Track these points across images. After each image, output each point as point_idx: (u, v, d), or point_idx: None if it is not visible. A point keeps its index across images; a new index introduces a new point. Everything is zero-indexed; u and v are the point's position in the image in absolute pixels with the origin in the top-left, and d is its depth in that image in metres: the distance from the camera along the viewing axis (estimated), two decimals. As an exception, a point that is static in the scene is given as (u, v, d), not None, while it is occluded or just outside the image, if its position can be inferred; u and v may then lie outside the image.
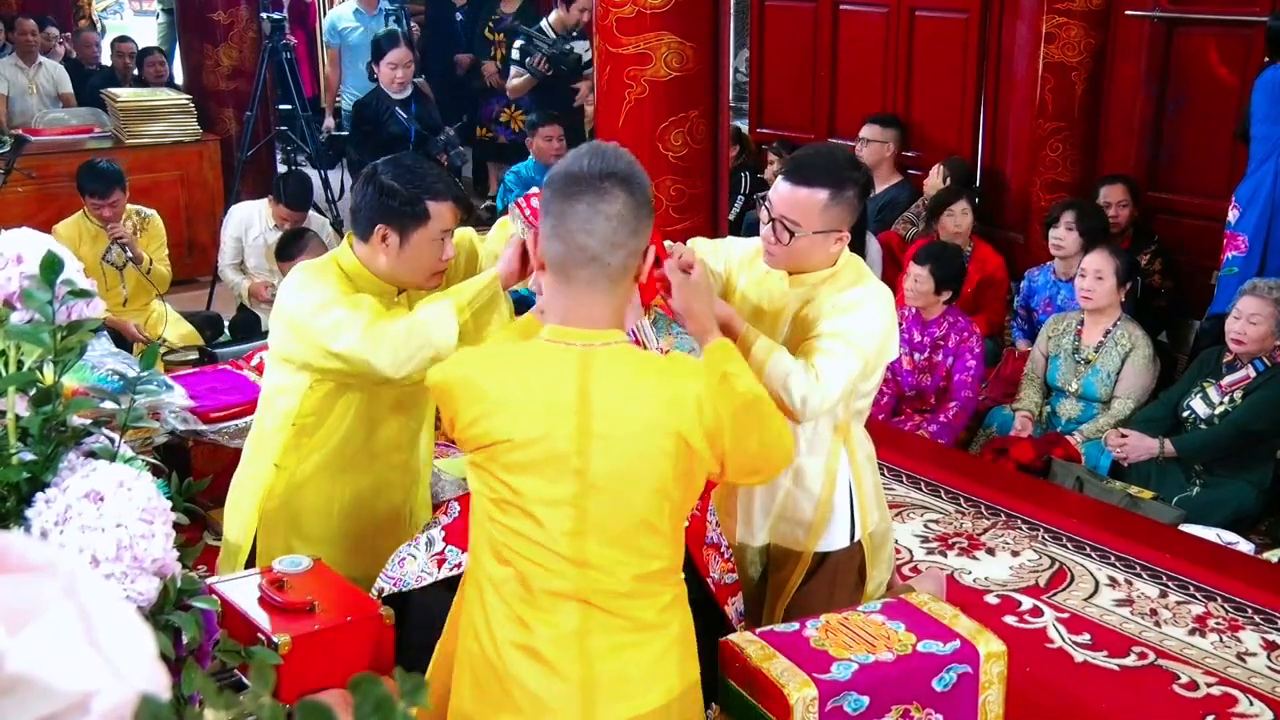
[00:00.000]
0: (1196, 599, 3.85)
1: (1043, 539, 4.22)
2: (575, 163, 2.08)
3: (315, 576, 2.41)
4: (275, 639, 2.19)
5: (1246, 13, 5.94)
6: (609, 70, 4.73)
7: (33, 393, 1.48)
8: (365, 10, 8.52)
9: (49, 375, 1.49)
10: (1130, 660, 3.55)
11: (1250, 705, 3.33)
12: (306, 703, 0.77)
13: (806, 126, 7.75)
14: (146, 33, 11.62)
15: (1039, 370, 5.16)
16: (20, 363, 1.47)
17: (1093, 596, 3.87)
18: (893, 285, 4.07)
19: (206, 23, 8.03)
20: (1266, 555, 4.18)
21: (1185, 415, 4.71)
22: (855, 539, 2.90)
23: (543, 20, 8.09)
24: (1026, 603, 3.84)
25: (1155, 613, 3.78)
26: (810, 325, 2.69)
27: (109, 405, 1.63)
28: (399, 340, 2.61)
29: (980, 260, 5.96)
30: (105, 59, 9.83)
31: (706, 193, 4.89)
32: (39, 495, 1.43)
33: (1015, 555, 4.12)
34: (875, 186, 6.18)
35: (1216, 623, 3.72)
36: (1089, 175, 6.35)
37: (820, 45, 7.61)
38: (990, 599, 3.86)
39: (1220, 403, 4.63)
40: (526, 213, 2.62)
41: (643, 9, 4.59)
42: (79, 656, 0.71)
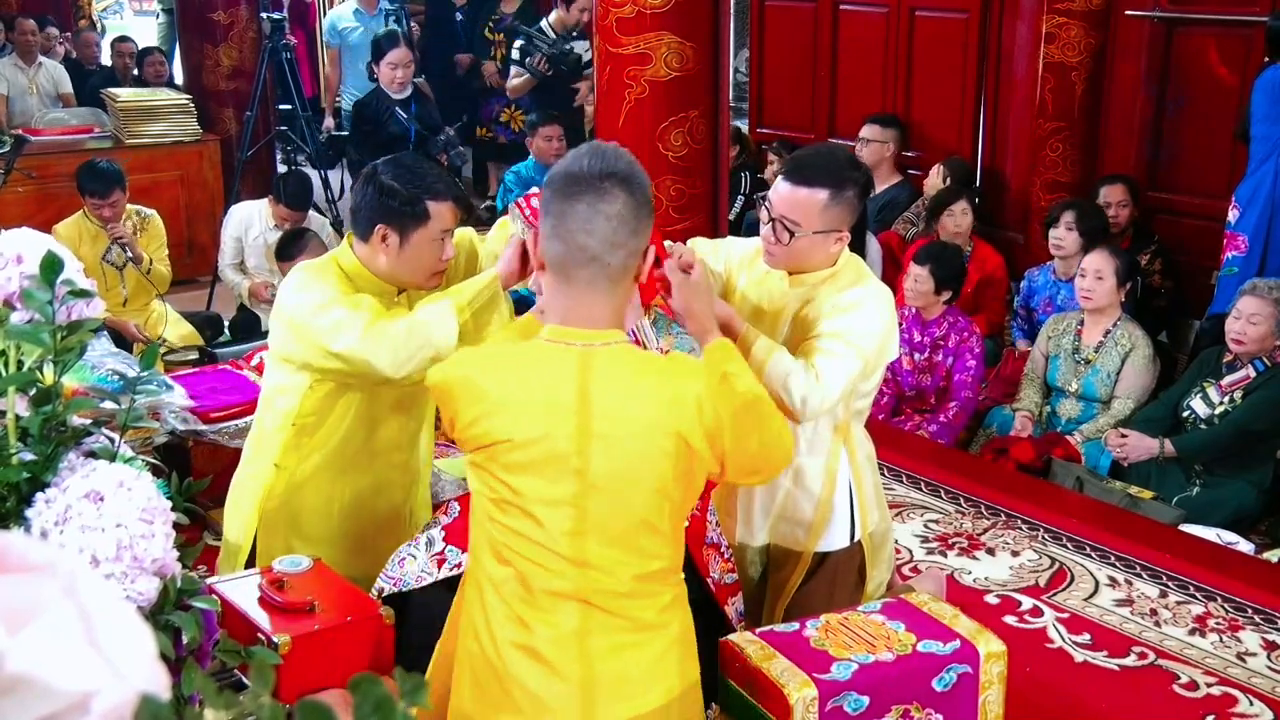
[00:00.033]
0: (1196, 599, 3.85)
1: (1043, 539, 4.22)
2: (575, 163, 2.08)
3: (315, 576, 2.41)
4: (275, 639, 2.19)
5: (1246, 13, 5.94)
6: (609, 70, 4.73)
7: (33, 393, 1.48)
8: (365, 10, 8.51)
9: (49, 375, 1.49)
10: (1130, 660, 3.55)
11: (1250, 705, 3.33)
12: (306, 703, 0.77)
13: (806, 126, 7.75)
14: (146, 33, 11.62)
15: (1039, 370, 5.16)
16: (20, 363, 1.47)
17: (1093, 596, 3.87)
18: (893, 285, 4.07)
19: (206, 23, 8.03)
20: (1266, 555, 4.18)
21: (1185, 415, 4.71)
22: (855, 539, 2.90)
23: (543, 20, 8.09)
24: (1026, 603, 3.83)
25: (1155, 613, 3.78)
26: (810, 325, 2.69)
27: (109, 405, 1.63)
28: (399, 340, 2.61)
29: (980, 260, 5.96)
30: (105, 59, 9.82)
31: (706, 193, 4.88)
32: (39, 495, 1.43)
33: (1015, 555, 4.12)
34: (875, 186, 6.17)
35: (1216, 623, 3.72)
36: (1089, 175, 6.35)
37: (820, 45, 7.61)
38: (990, 599, 3.86)
39: (1220, 403, 4.63)
40: (526, 213, 2.62)
41: (643, 9, 4.59)
42: (79, 656, 0.71)
